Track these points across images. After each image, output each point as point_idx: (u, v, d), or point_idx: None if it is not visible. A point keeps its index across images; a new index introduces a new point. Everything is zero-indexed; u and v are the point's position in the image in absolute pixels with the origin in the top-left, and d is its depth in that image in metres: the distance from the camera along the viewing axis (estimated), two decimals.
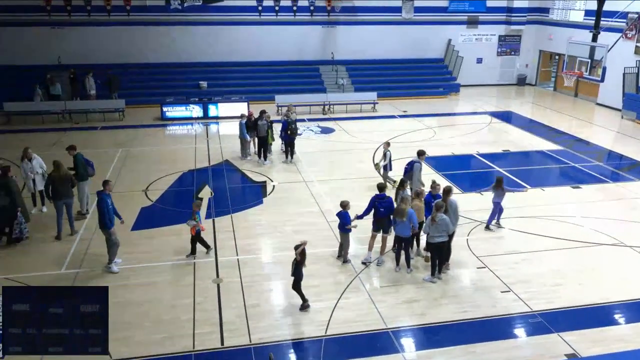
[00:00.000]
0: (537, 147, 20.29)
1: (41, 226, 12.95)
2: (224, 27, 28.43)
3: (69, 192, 12.57)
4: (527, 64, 32.99)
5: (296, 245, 9.69)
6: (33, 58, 26.29)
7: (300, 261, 9.67)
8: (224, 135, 21.60)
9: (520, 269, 11.25)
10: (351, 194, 14.94)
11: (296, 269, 9.72)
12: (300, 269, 9.73)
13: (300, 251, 9.64)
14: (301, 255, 9.65)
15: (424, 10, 30.45)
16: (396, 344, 8.91)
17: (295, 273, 9.75)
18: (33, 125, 22.67)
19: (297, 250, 9.63)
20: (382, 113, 25.40)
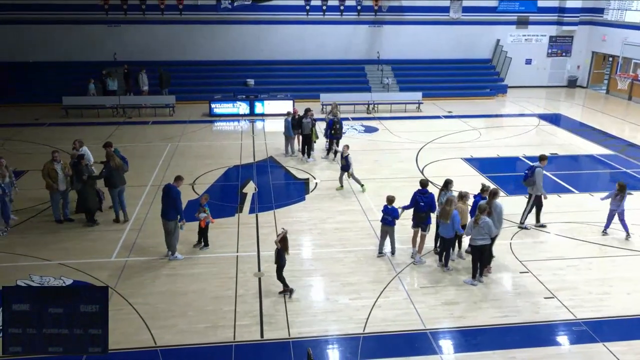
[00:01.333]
0: (586, 151, 19.70)
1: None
2: (271, 26, 28.87)
3: (124, 180, 13.27)
4: (578, 66, 32.00)
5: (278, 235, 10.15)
6: (90, 54, 27.56)
7: (281, 249, 10.00)
8: (269, 132, 21.93)
9: (565, 276, 11.00)
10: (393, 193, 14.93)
11: (278, 256, 10.02)
12: (283, 256, 10.05)
13: (280, 239, 9.99)
14: (281, 242, 9.98)
15: (472, 10, 29.98)
16: (434, 346, 8.89)
17: (277, 260, 10.07)
18: (89, 119, 23.67)
19: (277, 238, 10.05)
20: (426, 113, 25.20)
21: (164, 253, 11.61)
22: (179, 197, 11.26)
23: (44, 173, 12.91)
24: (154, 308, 9.74)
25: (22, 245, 12.04)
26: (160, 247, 11.74)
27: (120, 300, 9.94)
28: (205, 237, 12.01)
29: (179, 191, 11.35)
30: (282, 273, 10.20)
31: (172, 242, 11.42)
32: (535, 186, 12.71)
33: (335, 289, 10.46)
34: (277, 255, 10.12)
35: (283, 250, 10.08)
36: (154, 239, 12.07)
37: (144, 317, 9.47)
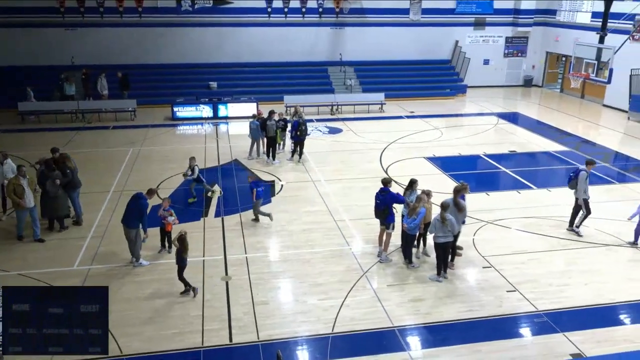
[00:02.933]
0: (543, 148, 20.34)
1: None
2: (233, 29, 28.68)
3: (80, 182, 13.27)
4: (533, 66, 33.00)
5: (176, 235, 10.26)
6: (47, 59, 26.72)
7: (180, 249, 10.07)
8: (234, 135, 21.80)
9: (527, 269, 11.34)
10: (359, 194, 15.16)
11: (178, 257, 10.13)
12: (182, 257, 10.10)
13: (178, 239, 10.09)
14: (180, 243, 10.07)
15: (431, 12, 30.52)
16: (402, 343, 9.03)
17: (177, 261, 10.17)
18: (46, 124, 22.99)
19: (175, 239, 10.17)
20: (389, 114, 25.53)
21: (128, 260, 11.41)
22: (145, 209, 11.17)
23: (9, 190, 12.15)
24: (119, 316, 9.55)
25: None
26: (124, 254, 11.53)
27: None
28: (169, 240, 11.87)
29: (147, 203, 11.26)
30: (182, 274, 10.20)
31: (135, 249, 11.23)
32: (579, 190, 12.66)
33: (304, 290, 10.51)
34: (177, 256, 10.18)
35: (182, 251, 10.10)
36: (118, 246, 11.84)
37: (110, 326, 9.22)
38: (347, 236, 12.77)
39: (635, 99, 24.35)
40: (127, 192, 15.00)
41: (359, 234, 12.86)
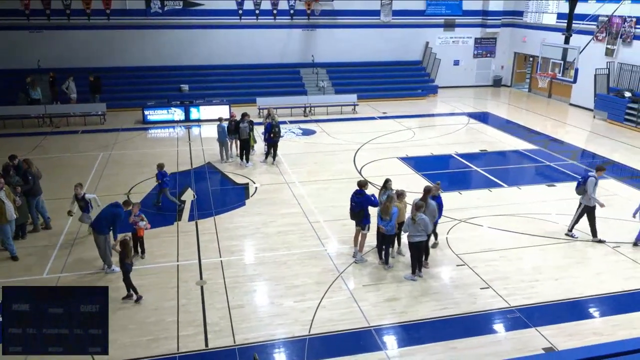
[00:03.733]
0: (513, 146, 20.74)
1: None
2: (204, 31, 28.44)
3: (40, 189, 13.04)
4: (502, 66, 33.63)
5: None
6: (11, 62, 26.02)
7: (122, 254, 10.04)
8: (206, 137, 21.61)
9: (499, 266, 11.53)
10: (333, 195, 15.21)
11: (121, 262, 10.11)
12: (125, 261, 10.03)
13: (120, 244, 10.08)
14: (122, 247, 10.04)
15: (402, 13, 30.83)
16: (379, 342, 9.08)
17: (121, 266, 10.16)
18: (13, 129, 22.41)
19: (116, 243, 10.21)
20: (362, 114, 25.67)
21: (99, 267, 11.21)
22: (120, 219, 11.07)
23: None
24: None
25: None
26: (95, 261, 11.33)
27: None
28: (142, 246, 11.71)
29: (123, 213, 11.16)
30: (127, 278, 10.12)
31: (106, 255, 11.04)
32: (586, 195, 12.41)
33: (280, 292, 10.48)
34: (120, 261, 10.12)
35: (125, 256, 10.02)
36: (89, 253, 11.62)
37: None
38: (323, 237, 12.80)
39: (600, 98, 25.04)
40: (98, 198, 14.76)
41: (334, 235, 12.90)
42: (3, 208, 11.35)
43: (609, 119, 24.40)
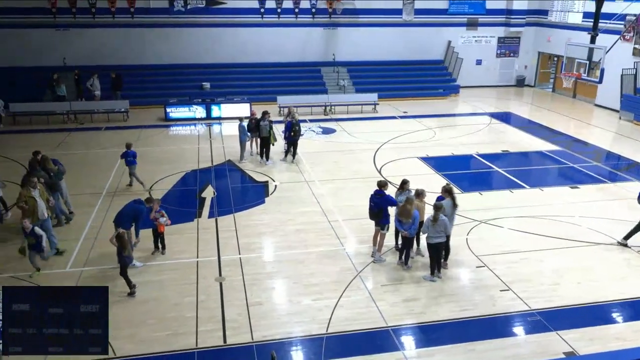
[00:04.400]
0: (535, 147, 20.45)
1: None
2: (226, 29, 28.63)
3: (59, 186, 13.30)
4: (526, 66, 33.17)
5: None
6: (39, 59, 26.59)
7: (119, 248, 10.10)
8: (227, 135, 21.76)
9: (519, 268, 11.39)
10: (352, 194, 15.19)
11: (119, 256, 10.20)
12: (122, 255, 10.16)
13: (116, 237, 10.18)
14: (118, 241, 10.13)
15: (424, 12, 30.61)
16: (396, 342, 9.05)
17: (119, 260, 10.24)
18: (39, 125, 22.88)
19: (112, 237, 10.32)
20: (382, 114, 25.57)
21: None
22: (142, 215, 11.24)
23: (19, 202, 11.59)
24: (113, 318, 9.37)
25: None
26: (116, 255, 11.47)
27: None
28: (162, 242, 11.85)
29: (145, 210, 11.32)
30: (125, 272, 10.25)
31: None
32: None
33: (298, 291, 10.50)
34: (117, 255, 10.24)
35: (122, 250, 10.13)
36: (111, 248, 11.73)
37: None
38: (341, 236, 12.78)
39: (626, 99, 24.54)
40: (119, 194, 15.02)
41: (352, 235, 12.88)
42: (35, 206, 11.41)
43: (636, 120, 23.88)
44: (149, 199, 11.63)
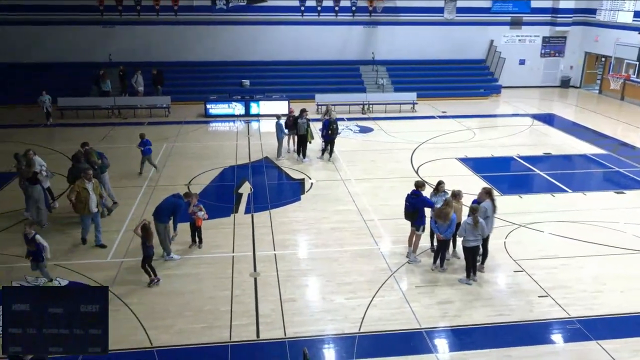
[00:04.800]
0: (579, 150, 19.85)
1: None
2: (267, 27, 28.90)
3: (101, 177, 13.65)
4: (571, 66, 32.23)
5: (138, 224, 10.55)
6: (85, 55, 27.53)
7: (143, 238, 10.22)
8: (265, 132, 21.96)
9: (559, 274, 11.09)
10: (388, 194, 15.12)
11: (143, 246, 10.38)
12: (146, 245, 10.30)
13: (141, 228, 10.27)
14: (142, 232, 10.21)
15: (466, 10, 30.14)
16: (430, 345, 8.95)
17: (142, 250, 10.41)
18: (84, 119, 23.64)
19: (137, 228, 10.42)
20: (421, 113, 25.31)
21: (159, 254, 11.61)
22: (181, 209, 11.43)
23: (72, 193, 11.72)
24: (150, 308, 9.76)
25: (18, 246, 12.01)
26: (156, 247, 11.70)
27: (116, 301, 9.94)
28: (199, 235, 12.05)
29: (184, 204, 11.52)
30: (146, 263, 10.44)
31: (165, 243, 11.45)
32: None
33: (331, 289, 10.52)
34: (142, 245, 10.39)
35: (146, 240, 10.25)
36: None
37: (140, 318, 9.49)
38: (376, 236, 12.73)
39: None
40: (159, 187, 15.37)
41: (387, 234, 12.80)
42: (87, 198, 11.62)
43: None
44: (187, 194, 11.85)
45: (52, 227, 13.03)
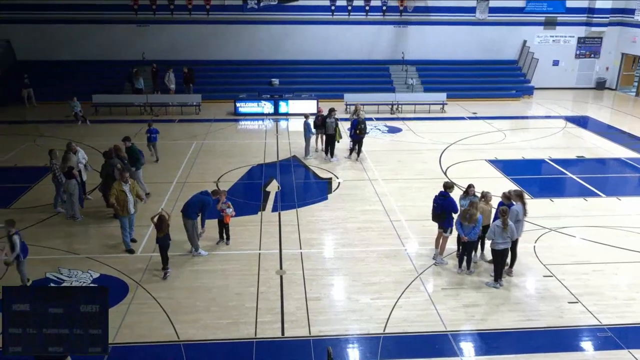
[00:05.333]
0: (614, 154, 19.34)
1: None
2: (297, 26, 29.03)
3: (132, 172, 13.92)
4: (607, 67, 31.41)
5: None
6: (120, 54, 28.18)
7: (157, 227, 10.59)
8: (293, 131, 22.06)
9: (591, 280, 10.84)
10: (416, 194, 15.02)
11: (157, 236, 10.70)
12: (161, 236, 10.59)
13: (156, 218, 10.54)
14: (157, 221, 10.57)
15: (499, 10, 29.67)
16: (455, 348, 8.87)
17: (157, 240, 10.75)
18: (118, 116, 24.16)
19: (153, 217, 10.74)
20: (451, 114, 25.05)
21: (188, 249, 11.81)
22: (209, 206, 11.61)
23: (111, 196, 11.75)
24: (178, 303, 9.93)
25: (52, 239, 12.39)
26: (184, 243, 11.94)
27: (144, 295, 10.16)
28: (227, 232, 12.19)
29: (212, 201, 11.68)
30: (163, 253, 10.75)
31: (193, 239, 11.62)
32: None
33: (357, 289, 10.51)
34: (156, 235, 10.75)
35: (158, 229, 10.59)
36: (179, 236, 12.22)
37: (168, 312, 9.66)
38: (403, 237, 12.66)
39: None
40: (189, 184, 15.60)
41: (414, 235, 12.72)
42: (125, 200, 11.65)
43: None
44: (215, 191, 12.00)
45: (85, 221, 13.36)
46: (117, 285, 10.48)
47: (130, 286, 10.46)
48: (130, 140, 14.60)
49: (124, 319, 9.42)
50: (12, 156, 18.16)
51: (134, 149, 14.45)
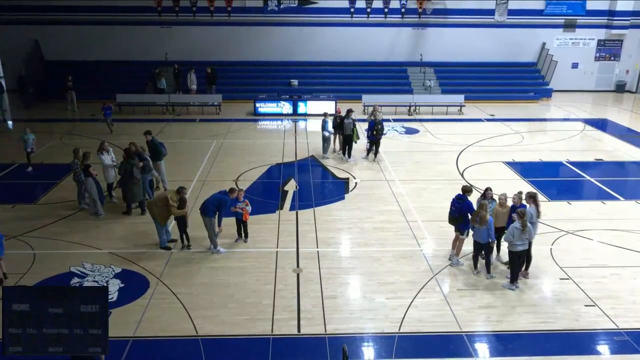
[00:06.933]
0: (634, 157, 19.14)
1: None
2: (316, 28, 29.22)
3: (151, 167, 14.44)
4: (627, 70, 31.04)
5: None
6: (143, 54, 28.68)
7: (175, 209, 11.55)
8: (311, 131, 22.23)
9: (608, 284, 10.80)
10: (432, 195, 15.07)
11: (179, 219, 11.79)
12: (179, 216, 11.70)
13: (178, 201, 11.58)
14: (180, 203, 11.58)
15: (518, 12, 29.50)
16: (470, 349, 8.92)
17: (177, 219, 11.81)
18: (140, 115, 24.58)
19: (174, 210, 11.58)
20: (468, 116, 24.99)
21: (207, 246, 12.03)
22: (226, 206, 11.82)
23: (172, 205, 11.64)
24: (196, 298, 10.13)
25: (76, 233, 12.71)
26: (203, 240, 12.16)
27: (164, 290, 10.38)
28: (245, 230, 12.39)
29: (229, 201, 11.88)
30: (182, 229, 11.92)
31: (211, 236, 11.84)
32: None
33: (372, 288, 10.62)
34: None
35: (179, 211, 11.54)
36: (199, 233, 12.47)
37: (187, 307, 9.86)
38: (419, 237, 12.74)
39: None
40: (209, 183, 15.85)
41: (430, 236, 12.79)
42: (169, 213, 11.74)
43: None
44: (232, 190, 12.15)
45: (107, 217, 13.67)
46: (138, 280, 10.74)
47: (151, 281, 10.70)
48: (151, 134, 15.12)
49: (144, 313, 9.66)
50: (39, 153, 18.60)
51: (155, 142, 15.00)
